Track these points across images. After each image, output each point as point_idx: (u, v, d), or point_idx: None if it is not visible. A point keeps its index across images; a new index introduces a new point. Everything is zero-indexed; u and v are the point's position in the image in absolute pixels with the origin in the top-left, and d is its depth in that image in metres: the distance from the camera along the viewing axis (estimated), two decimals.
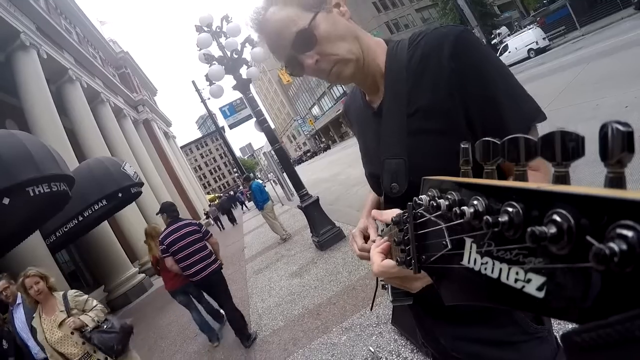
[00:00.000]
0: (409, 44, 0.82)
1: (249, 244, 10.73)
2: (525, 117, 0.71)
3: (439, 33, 0.76)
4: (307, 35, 0.77)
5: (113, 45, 26.42)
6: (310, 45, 0.78)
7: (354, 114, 1.06)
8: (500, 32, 30.85)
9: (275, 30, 0.79)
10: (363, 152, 1.02)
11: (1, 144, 4.71)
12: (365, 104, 0.95)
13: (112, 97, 19.66)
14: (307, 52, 0.79)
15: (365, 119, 0.96)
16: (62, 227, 8.21)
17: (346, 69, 0.80)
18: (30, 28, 11.49)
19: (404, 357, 2.62)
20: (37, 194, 4.92)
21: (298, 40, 0.78)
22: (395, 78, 0.82)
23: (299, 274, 5.52)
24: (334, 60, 0.79)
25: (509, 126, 0.70)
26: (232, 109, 14.41)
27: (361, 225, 1.00)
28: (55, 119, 11.02)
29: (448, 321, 0.89)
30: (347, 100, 1.13)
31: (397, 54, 0.83)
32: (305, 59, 0.79)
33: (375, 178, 0.94)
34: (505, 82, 0.73)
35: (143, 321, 7.91)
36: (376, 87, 0.88)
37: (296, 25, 0.77)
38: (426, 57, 0.77)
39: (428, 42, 0.77)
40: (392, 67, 0.83)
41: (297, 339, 3.64)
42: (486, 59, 0.73)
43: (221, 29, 6.37)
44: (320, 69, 0.80)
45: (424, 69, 0.77)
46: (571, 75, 9.18)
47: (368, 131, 0.95)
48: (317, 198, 6.20)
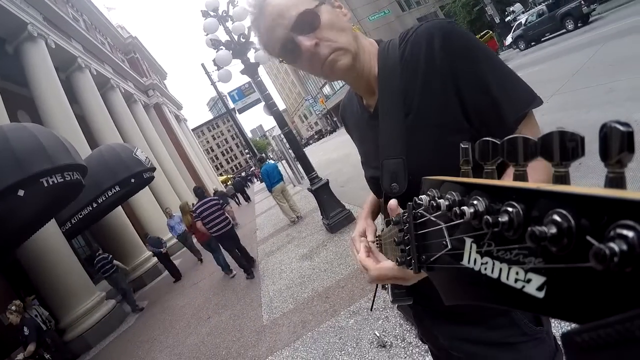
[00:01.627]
0: (399, 42, 0.81)
1: (261, 225, 10.84)
2: (520, 103, 0.71)
3: (427, 27, 0.76)
4: (311, 16, 0.76)
5: (121, 30, 26.37)
6: (313, 26, 0.77)
7: (350, 119, 1.05)
8: (514, 10, 29.99)
9: (277, 11, 0.78)
10: (362, 156, 1.01)
11: (14, 137, 4.83)
12: (362, 108, 0.94)
13: (122, 82, 19.75)
14: (307, 34, 0.77)
15: (363, 123, 0.95)
16: (76, 214, 8.42)
17: (344, 58, 0.79)
18: (37, 18, 11.52)
19: (409, 342, 2.66)
20: (51, 185, 5.05)
21: (301, 20, 0.76)
22: (388, 77, 0.81)
23: (309, 256, 5.58)
24: (334, 47, 0.77)
25: (504, 112, 0.70)
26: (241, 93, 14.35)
27: (360, 228, 1.00)
28: (66, 108, 11.15)
29: (447, 321, 0.90)
30: (343, 105, 1.11)
31: (388, 53, 0.82)
32: (304, 41, 0.77)
33: (375, 180, 0.93)
34: (496, 69, 0.72)
35: (158, 303, 8.13)
36: (371, 89, 0.87)
37: (301, 5, 0.76)
38: (417, 53, 0.76)
39: (417, 38, 0.77)
40: (384, 67, 0.82)
41: (306, 322, 3.71)
42: (475, 48, 0.73)
43: (227, 13, 6.31)
44: (317, 53, 0.78)
45: (416, 64, 0.76)
46: (585, 56, 8.91)
47: (366, 135, 0.94)
48: (327, 181, 6.21)
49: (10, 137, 4.79)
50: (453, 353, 0.90)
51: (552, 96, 6.73)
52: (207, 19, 6.21)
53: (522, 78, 0.73)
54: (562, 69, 8.86)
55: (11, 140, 4.76)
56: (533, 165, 0.30)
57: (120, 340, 7.09)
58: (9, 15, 10.08)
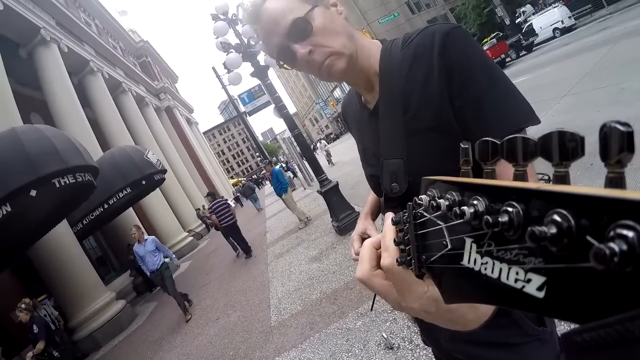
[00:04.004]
0: (402, 42, 0.81)
1: (271, 228, 10.87)
2: (511, 119, 0.68)
3: (430, 30, 0.75)
4: (303, 24, 0.76)
5: (133, 35, 26.74)
6: (305, 34, 0.77)
7: (350, 116, 1.05)
8: (524, 11, 29.72)
9: (272, 18, 0.78)
10: (362, 153, 1.01)
11: (26, 138, 4.92)
12: (361, 105, 0.94)
13: (134, 86, 20.02)
14: (301, 42, 0.77)
15: (362, 120, 0.95)
16: (88, 215, 8.54)
17: (339, 63, 0.79)
18: (50, 23, 11.75)
19: (416, 344, 2.64)
20: (63, 185, 5.13)
21: (294, 28, 0.76)
22: (389, 77, 0.81)
23: (318, 258, 5.58)
24: (328, 53, 0.77)
25: (490, 127, 0.68)
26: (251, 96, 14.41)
27: (360, 228, 0.99)
28: (79, 111, 11.32)
29: None
30: (343, 103, 1.11)
31: (391, 52, 0.82)
32: (299, 49, 0.77)
33: (375, 179, 0.93)
34: (494, 82, 0.70)
35: (167, 305, 8.18)
36: (371, 86, 0.87)
37: (293, 13, 0.76)
38: (419, 55, 0.75)
39: (420, 40, 0.76)
40: (386, 66, 0.82)
41: (314, 323, 3.71)
42: (475, 57, 0.71)
43: (237, 16, 6.36)
44: (312, 60, 0.78)
45: (416, 67, 0.76)
46: (597, 56, 8.81)
47: (366, 132, 0.94)
48: (336, 183, 6.21)
49: (23, 139, 4.89)
50: (455, 355, 0.90)
51: (563, 97, 6.66)
52: (217, 22, 6.27)
53: (535, 79, 0.71)
54: (573, 70, 8.77)
55: (24, 142, 4.84)
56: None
57: (129, 339, 7.16)
58: (23, 19, 10.31)
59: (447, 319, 0.52)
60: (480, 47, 0.74)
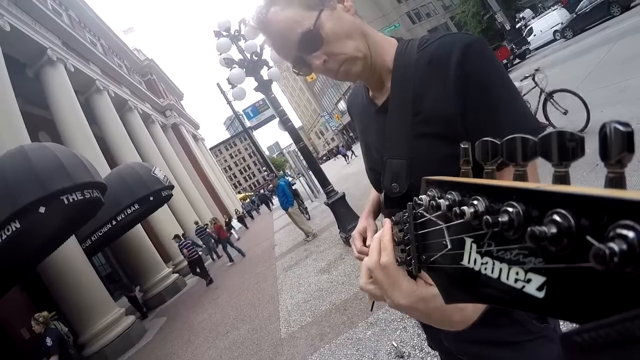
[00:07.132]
0: (418, 45, 0.81)
1: (279, 241, 10.85)
2: (528, 133, 0.69)
3: (451, 39, 0.74)
4: (312, 36, 0.75)
5: (137, 53, 27.12)
6: (317, 46, 0.76)
7: (356, 109, 1.05)
8: (524, 16, 29.82)
9: (279, 32, 0.78)
10: (364, 147, 1.01)
11: (35, 156, 4.99)
12: (369, 100, 0.94)
13: (140, 103, 20.22)
14: (314, 53, 0.77)
15: (368, 115, 0.95)
16: (97, 232, 8.57)
17: (354, 67, 0.79)
18: (56, 43, 11.96)
19: (427, 351, 2.61)
20: (71, 202, 5.17)
21: (304, 41, 0.76)
22: (403, 76, 0.80)
23: (327, 270, 5.55)
24: (342, 60, 0.78)
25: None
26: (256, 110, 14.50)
27: (360, 226, 0.99)
28: (86, 129, 11.44)
29: None
30: (350, 95, 1.11)
31: (406, 53, 0.82)
32: (313, 60, 0.78)
33: (375, 173, 0.93)
34: (509, 99, 0.71)
35: (177, 319, 8.17)
36: (381, 83, 0.87)
37: (300, 26, 0.75)
38: (435, 62, 0.75)
39: (439, 47, 0.76)
40: (400, 65, 0.81)
41: (324, 334, 3.68)
42: (493, 72, 0.71)
43: (239, 32, 6.45)
44: (328, 69, 0.79)
45: (431, 72, 0.75)
46: (598, 56, 8.80)
47: (370, 127, 0.94)
48: (343, 194, 6.19)
49: (31, 156, 4.96)
50: (459, 356, 0.89)
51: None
52: (219, 38, 6.36)
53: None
54: (574, 72, 8.76)
55: (32, 159, 4.92)
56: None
57: (139, 355, 7.12)
58: (29, 40, 10.48)
59: (435, 318, 0.55)
60: (499, 61, 0.73)
